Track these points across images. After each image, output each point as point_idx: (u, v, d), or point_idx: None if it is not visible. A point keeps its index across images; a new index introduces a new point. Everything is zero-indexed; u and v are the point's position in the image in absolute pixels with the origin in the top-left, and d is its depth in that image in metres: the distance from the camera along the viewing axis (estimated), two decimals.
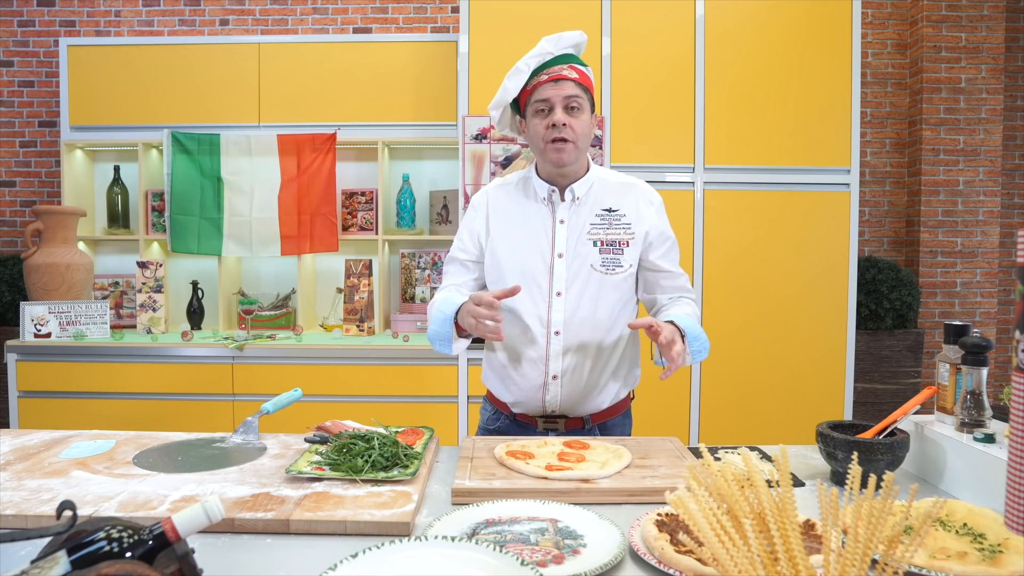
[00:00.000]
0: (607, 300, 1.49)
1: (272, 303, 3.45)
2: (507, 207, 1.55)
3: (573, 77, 1.43)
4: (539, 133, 1.45)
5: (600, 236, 1.49)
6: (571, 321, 1.48)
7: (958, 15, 3.67)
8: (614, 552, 0.87)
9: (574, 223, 1.50)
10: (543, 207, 1.52)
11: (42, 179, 3.81)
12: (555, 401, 1.51)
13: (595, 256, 1.49)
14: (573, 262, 1.48)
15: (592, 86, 1.49)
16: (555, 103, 1.42)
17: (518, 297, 1.49)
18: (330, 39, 3.43)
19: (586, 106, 1.45)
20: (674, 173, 2.93)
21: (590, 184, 1.52)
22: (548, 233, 1.50)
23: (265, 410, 1.43)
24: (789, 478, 0.69)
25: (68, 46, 3.33)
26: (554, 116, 1.42)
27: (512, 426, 1.57)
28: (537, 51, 1.44)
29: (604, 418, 1.57)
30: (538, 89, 1.44)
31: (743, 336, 2.94)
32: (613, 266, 1.49)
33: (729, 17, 2.89)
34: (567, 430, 1.54)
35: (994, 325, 3.79)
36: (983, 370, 1.14)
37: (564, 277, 1.48)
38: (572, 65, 1.44)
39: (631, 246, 1.50)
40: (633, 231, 1.51)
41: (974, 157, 3.72)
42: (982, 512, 0.95)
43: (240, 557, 0.90)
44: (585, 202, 1.51)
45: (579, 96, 1.43)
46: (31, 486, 1.10)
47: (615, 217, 1.51)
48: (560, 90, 1.42)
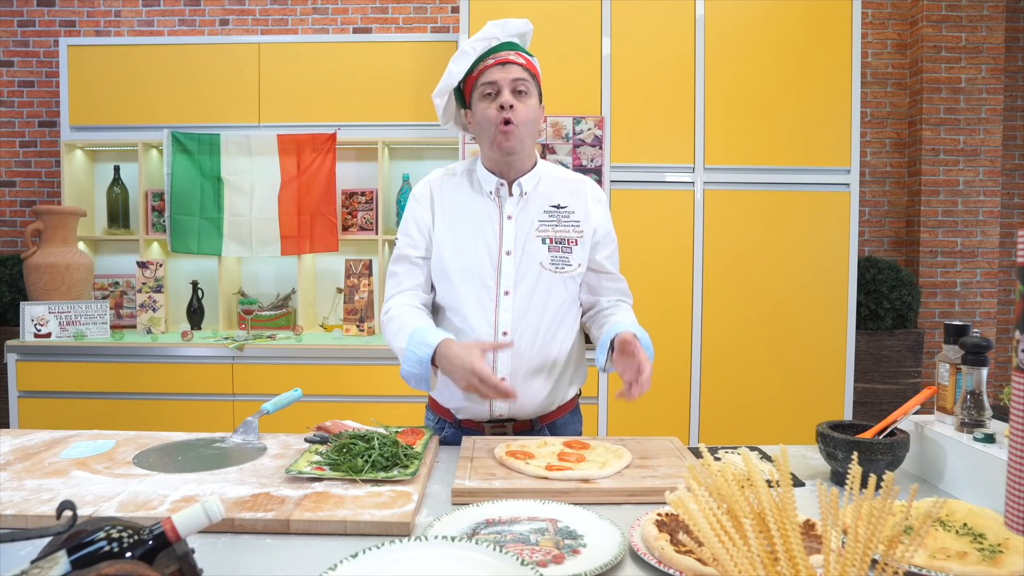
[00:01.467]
0: (556, 299, 1.45)
1: (272, 303, 3.45)
2: (453, 199, 1.48)
3: (520, 62, 1.41)
4: (487, 116, 1.39)
5: (549, 233, 1.45)
6: (520, 321, 1.43)
7: (958, 15, 3.67)
8: (614, 552, 0.87)
9: (522, 219, 1.45)
10: (489, 201, 1.46)
11: (42, 179, 3.81)
12: (503, 406, 1.45)
13: (544, 254, 1.44)
14: (522, 260, 1.43)
15: (539, 75, 1.46)
16: (502, 85, 1.38)
17: (463, 297, 1.44)
18: (330, 39, 3.43)
19: (533, 92, 1.42)
20: (674, 173, 2.93)
21: (538, 179, 1.48)
22: (495, 229, 1.44)
23: (265, 410, 1.43)
24: (789, 478, 0.69)
25: (68, 46, 3.33)
26: (501, 98, 1.38)
27: (457, 434, 1.50)
28: (483, 35, 1.41)
29: (553, 418, 1.52)
30: (484, 73, 1.40)
31: (743, 336, 2.94)
32: (563, 264, 1.45)
33: (729, 17, 2.89)
34: (515, 432, 1.48)
35: (994, 325, 3.79)
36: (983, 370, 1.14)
37: (512, 276, 1.43)
38: (518, 52, 1.43)
39: (580, 245, 1.47)
40: (582, 229, 1.47)
41: (974, 157, 3.72)
42: (982, 512, 0.95)
43: (240, 557, 0.90)
44: (533, 198, 1.47)
45: (526, 80, 1.40)
46: (31, 486, 1.10)
47: (564, 214, 1.47)
48: (507, 73, 1.39)
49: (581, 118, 2.90)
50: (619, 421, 2.94)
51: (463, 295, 1.44)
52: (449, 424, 1.53)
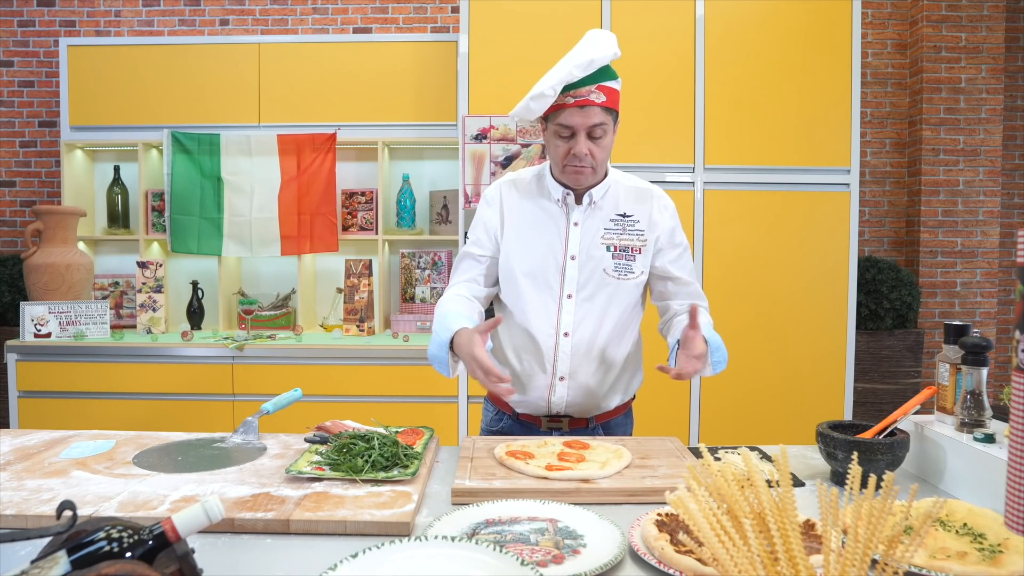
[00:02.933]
0: (618, 305, 1.49)
1: (272, 303, 3.45)
2: (520, 205, 1.52)
3: (600, 101, 1.36)
4: (558, 154, 1.42)
5: (613, 241, 1.48)
6: (581, 324, 1.47)
7: (958, 15, 3.67)
8: (614, 552, 0.87)
9: (588, 226, 1.48)
10: (557, 208, 1.50)
11: (42, 179, 3.81)
12: (561, 403, 1.50)
13: (608, 261, 1.47)
14: (586, 265, 1.47)
15: (618, 101, 1.43)
16: (578, 130, 1.37)
17: (528, 298, 1.48)
18: (330, 39, 3.43)
19: (611, 129, 1.42)
20: (674, 173, 2.93)
21: (607, 188, 1.50)
22: (562, 235, 1.48)
23: (265, 410, 1.43)
24: (789, 478, 0.69)
25: (68, 46, 3.33)
26: (577, 146, 1.38)
27: (516, 426, 1.56)
28: (564, 75, 1.35)
29: (608, 418, 1.57)
30: (563, 112, 1.37)
31: (743, 336, 2.94)
32: (625, 272, 1.48)
33: (729, 17, 2.89)
34: (571, 429, 1.53)
35: (994, 325, 3.79)
36: (983, 370, 1.14)
37: (576, 280, 1.47)
38: (600, 85, 1.37)
39: (643, 253, 1.49)
40: (646, 238, 1.50)
41: (974, 157, 3.72)
42: (982, 512, 0.95)
43: (240, 557, 0.90)
44: (601, 206, 1.49)
45: (604, 124, 1.38)
46: (31, 486, 1.10)
47: (629, 223, 1.49)
48: (586, 119, 1.36)
49: None
50: None
51: (527, 297, 1.49)
52: (508, 416, 1.58)
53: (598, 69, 1.37)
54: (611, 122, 1.41)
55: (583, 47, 1.38)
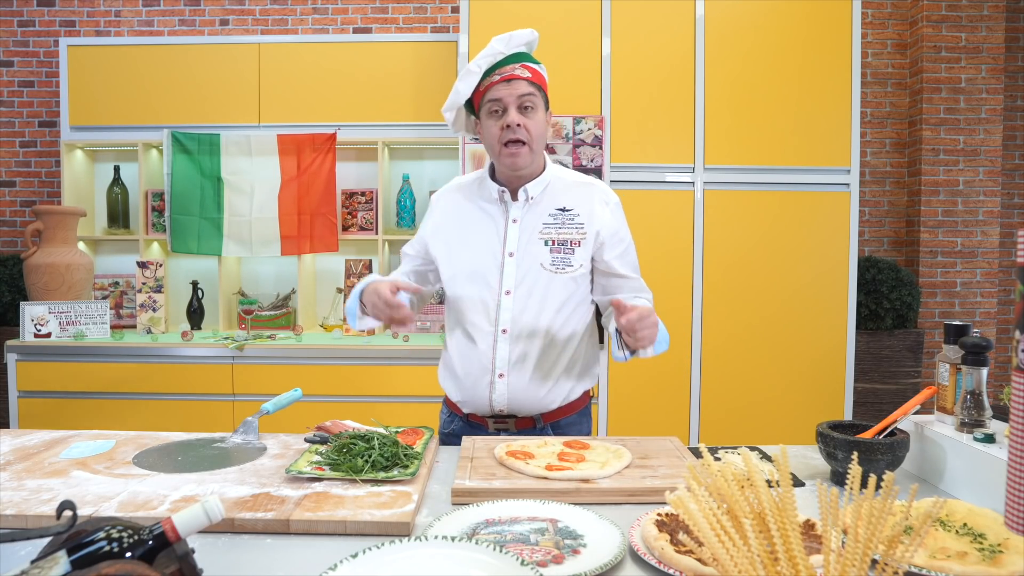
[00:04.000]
0: (555, 299, 1.49)
1: (272, 303, 3.45)
2: (461, 207, 1.56)
3: (526, 76, 1.42)
4: (494, 135, 1.44)
5: (552, 235, 1.49)
6: (519, 319, 1.48)
7: (958, 15, 3.67)
8: (614, 552, 0.87)
9: (527, 222, 1.50)
10: (496, 207, 1.52)
11: (42, 179, 3.81)
12: (502, 399, 1.49)
13: (545, 255, 1.48)
14: (523, 261, 1.48)
15: (545, 84, 1.47)
16: (508, 103, 1.41)
17: (468, 296, 1.51)
18: (330, 39, 3.43)
19: (540, 104, 1.45)
20: (674, 173, 2.93)
21: (545, 184, 1.52)
22: (500, 232, 1.51)
23: (265, 410, 1.43)
24: (789, 478, 0.69)
25: (68, 46, 3.33)
26: (508, 117, 1.41)
27: (465, 427, 1.56)
28: (488, 51, 1.42)
29: (556, 417, 1.54)
30: (491, 89, 1.42)
31: (743, 336, 2.94)
32: (563, 265, 1.49)
33: (729, 17, 2.89)
34: (518, 430, 1.52)
35: (994, 325, 3.79)
36: (983, 370, 1.14)
37: (514, 276, 1.48)
38: (524, 64, 1.43)
39: (583, 246, 1.50)
40: (585, 231, 1.50)
41: (974, 157, 3.72)
42: (982, 512, 0.95)
43: (240, 557, 0.90)
44: (540, 201, 1.51)
45: (533, 94, 1.42)
46: (31, 486, 1.10)
47: (568, 216, 1.50)
48: (513, 89, 1.41)
49: (581, 118, 2.90)
50: (619, 421, 2.94)
51: (468, 294, 1.51)
52: (458, 418, 1.58)
53: (519, 51, 1.44)
54: (540, 98, 1.45)
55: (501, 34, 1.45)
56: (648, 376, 2.93)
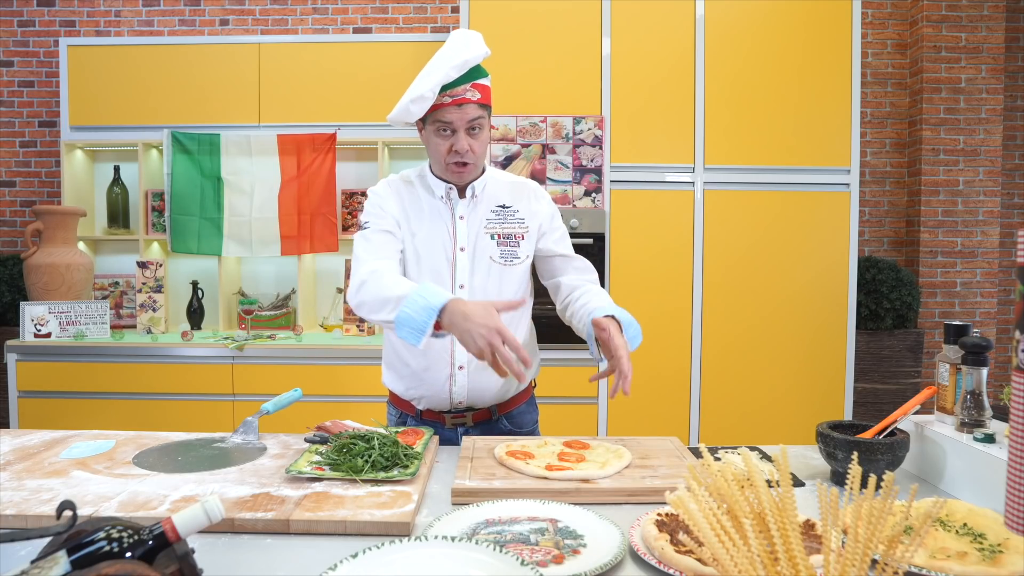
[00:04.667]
0: (507, 291, 1.54)
1: (272, 303, 3.45)
2: (412, 200, 1.58)
3: (476, 99, 1.44)
4: (441, 152, 1.47)
5: (497, 230, 1.55)
6: None
7: (958, 15, 3.67)
8: (614, 552, 0.87)
9: (473, 219, 1.55)
10: (442, 203, 1.55)
11: (42, 179, 3.81)
12: (462, 392, 1.52)
13: (494, 249, 1.54)
14: (475, 255, 1.53)
15: (490, 98, 1.49)
16: (458, 127, 1.44)
17: None
18: (330, 39, 3.43)
19: (486, 123, 1.49)
20: (674, 173, 2.93)
21: (485, 183, 1.57)
22: (449, 228, 1.54)
23: (265, 410, 1.43)
24: (789, 478, 0.69)
25: (68, 46, 3.33)
26: (458, 142, 1.44)
27: (420, 425, 1.55)
28: (441, 77, 1.41)
29: (510, 408, 1.60)
30: (441, 110, 1.43)
31: (743, 336, 2.94)
32: (511, 258, 1.55)
33: (729, 17, 2.89)
34: (475, 423, 1.55)
35: (994, 325, 3.79)
36: (983, 370, 1.14)
37: (467, 270, 1.53)
38: (475, 83, 1.44)
39: (526, 239, 1.57)
40: (527, 225, 1.57)
41: (974, 157, 3.72)
42: (982, 512, 0.95)
43: (240, 557, 0.90)
44: (481, 199, 1.56)
45: (481, 117, 1.46)
46: (31, 486, 1.10)
47: (509, 213, 1.57)
48: (463, 114, 1.43)
49: (581, 118, 2.90)
50: (619, 421, 2.94)
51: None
52: (411, 417, 1.60)
53: (471, 69, 1.44)
54: (486, 117, 1.49)
55: (454, 48, 1.43)
56: (648, 376, 2.93)
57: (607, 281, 2.91)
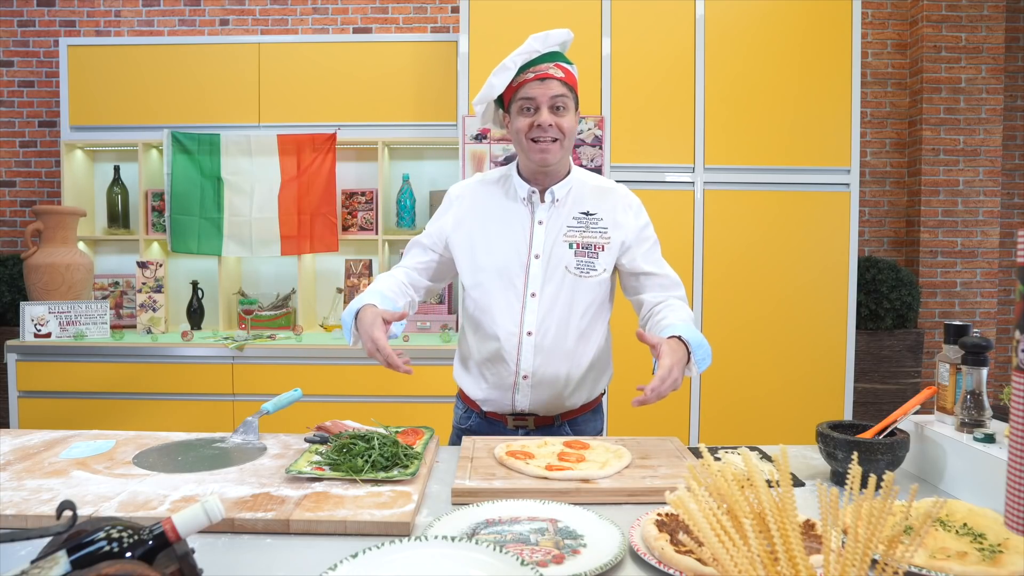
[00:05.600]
0: (580, 303, 1.49)
1: (272, 303, 3.45)
2: (487, 205, 1.54)
3: (559, 76, 1.42)
4: (523, 131, 1.44)
5: (576, 239, 1.49)
6: (544, 322, 1.48)
7: (958, 15, 3.67)
8: (614, 552, 0.87)
9: (552, 224, 1.50)
10: (522, 207, 1.51)
11: (42, 179, 3.81)
12: (525, 401, 1.50)
13: (570, 258, 1.48)
14: (549, 263, 1.48)
15: (576, 84, 1.48)
16: (541, 103, 1.41)
17: (493, 297, 1.49)
18: (330, 39, 3.43)
19: (571, 105, 1.45)
20: (674, 173, 2.93)
21: (570, 187, 1.52)
22: (526, 233, 1.50)
23: (265, 410, 1.43)
24: (789, 478, 0.69)
25: (68, 46, 3.33)
26: (540, 116, 1.41)
27: (483, 424, 1.57)
28: (525, 48, 1.42)
29: (574, 415, 1.56)
30: (524, 87, 1.42)
31: (743, 336, 2.94)
32: (587, 269, 1.49)
33: (729, 17, 2.89)
34: (536, 428, 1.53)
35: (994, 325, 3.79)
36: (983, 370, 1.14)
37: (540, 278, 1.48)
38: (558, 64, 1.43)
39: (607, 250, 1.50)
40: (609, 235, 1.51)
41: (974, 157, 3.72)
42: (982, 512, 0.95)
43: (240, 557, 0.90)
44: (564, 204, 1.51)
45: (565, 95, 1.42)
46: (31, 486, 1.10)
47: (592, 221, 1.51)
48: (547, 89, 1.41)
49: (581, 118, 2.90)
50: (619, 421, 2.94)
51: (493, 295, 1.50)
52: (476, 414, 1.59)
53: (554, 51, 1.44)
54: (572, 99, 1.45)
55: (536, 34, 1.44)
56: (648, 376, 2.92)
57: None
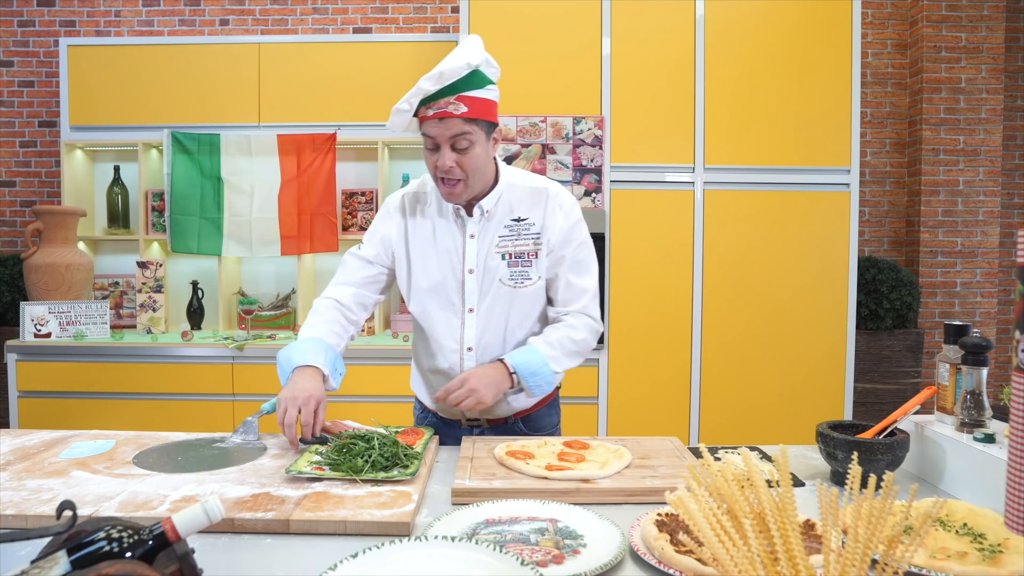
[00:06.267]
0: (518, 314, 1.47)
1: (272, 303, 3.45)
2: (421, 220, 1.50)
3: (460, 112, 1.31)
4: (430, 167, 1.39)
5: (508, 249, 1.45)
6: (483, 337, 1.47)
7: (958, 15, 3.67)
8: (614, 552, 0.87)
9: (484, 237, 1.45)
10: (453, 222, 1.47)
11: (42, 179, 3.81)
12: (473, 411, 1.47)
13: (504, 270, 1.45)
14: (483, 277, 1.45)
15: (491, 109, 1.37)
16: (441, 142, 1.34)
17: (432, 314, 1.48)
18: (330, 39, 3.43)
19: (478, 139, 1.35)
20: (674, 173, 2.93)
21: (499, 195, 1.46)
22: (459, 249, 1.46)
23: (265, 410, 1.43)
24: (789, 478, 0.69)
25: (68, 46, 3.33)
26: (442, 158, 1.34)
27: (439, 424, 1.58)
28: (416, 90, 1.31)
29: (527, 412, 1.57)
30: (425, 124, 1.35)
31: (743, 336, 2.94)
32: (522, 279, 1.45)
33: (729, 17, 2.89)
34: (491, 427, 1.55)
35: (994, 325, 3.79)
36: (983, 370, 1.14)
37: (476, 293, 1.45)
38: (461, 96, 1.31)
39: (539, 257, 1.46)
40: (541, 241, 1.46)
41: (974, 157, 3.72)
42: (982, 512, 0.95)
43: (240, 557, 0.90)
44: (495, 214, 1.46)
45: (468, 133, 1.33)
46: (31, 486, 1.10)
47: (524, 227, 1.46)
48: (445, 129, 1.32)
49: (581, 118, 2.90)
50: (619, 421, 2.94)
51: (432, 312, 1.49)
52: (432, 415, 1.61)
53: (459, 79, 1.32)
54: (479, 132, 1.35)
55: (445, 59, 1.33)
56: (648, 376, 2.93)
57: (607, 281, 2.91)
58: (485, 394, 1.35)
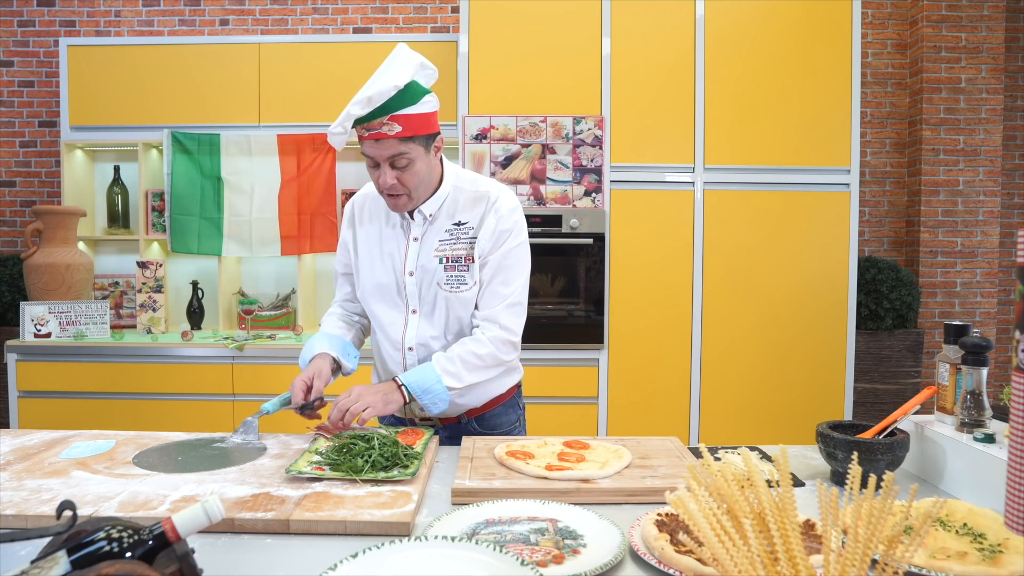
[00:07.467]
0: (456, 317, 1.48)
1: (272, 303, 3.45)
2: (371, 222, 1.54)
3: (394, 133, 1.31)
4: (373, 180, 1.41)
5: (446, 252, 1.46)
6: (424, 339, 1.49)
7: (958, 15, 3.67)
8: (614, 552, 0.87)
9: (426, 240, 1.47)
10: (399, 226, 1.50)
11: (42, 179, 3.81)
12: (419, 410, 1.49)
13: (441, 274, 1.46)
14: (422, 280, 1.47)
15: (428, 124, 1.37)
16: (380, 161, 1.36)
17: (379, 314, 1.53)
18: (330, 39, 3.43)
19: (418, 154, 1.36)
20: (674, 173, 2.93)
21: (443, 199, 1.47)
22: (402, 251, 1.49)
23: (265, 410, 1.43)
24: (789, 478, 0.69)
25: (68, 46, 3.33)
26: (383, 176, 1.36)
27: (393, 420, 1.60)
28: (345, 114, 1.31)
29: (481, 411, 1.55)
30: (363, 143, 1.36)
31: (743, 336, 2.94)
32: (458, 284, 1.45)
33: (729, 17, 2.89)
34: (444, 425, 1.55)
35: (994, 325, 3.79)
36: (983, 370, 1.14)
37: (416, 295, 1.48)
38: (394, 115, 1.31)
39: (475, 261, 1.46)
40: (476, 246, 1.46)
41: (974, 157, 3.72)
42: (982, 512, 0.95)
43: (240, 557, 0.90)
44: (437, 217, 1.47)
45: (404, 153, 1.34)
46: (31, 486, 1.10)
47: (463, 231, 1.46)
48: (381, 149, 1.34)
49: (581, 118, 2.90)
50: (619, 421, 2.94)
51: (379, 312, 1.54)
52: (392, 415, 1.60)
53: (388, 100, 1.31)
54: (417, 148, 1.36)
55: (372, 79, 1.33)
56: (648, 376, 2.93)
57: (607, 281, 2.91)
58: (372, 399, 1.36)
